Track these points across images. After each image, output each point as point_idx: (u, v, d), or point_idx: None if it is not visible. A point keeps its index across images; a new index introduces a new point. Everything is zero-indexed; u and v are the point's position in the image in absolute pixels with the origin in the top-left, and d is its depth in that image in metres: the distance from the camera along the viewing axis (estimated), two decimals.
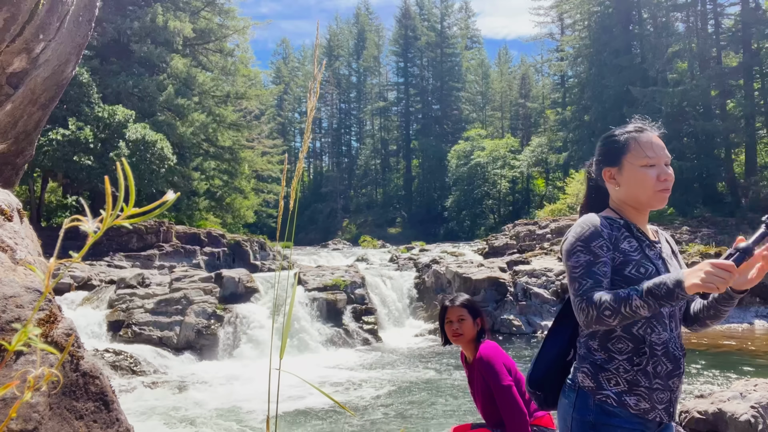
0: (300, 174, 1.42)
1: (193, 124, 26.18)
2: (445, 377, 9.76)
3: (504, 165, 44.55)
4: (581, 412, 1.84)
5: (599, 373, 1.82)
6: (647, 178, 1.87)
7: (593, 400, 1.82)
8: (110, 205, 0.65)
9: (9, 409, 1.58)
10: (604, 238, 1.82)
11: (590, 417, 1.81)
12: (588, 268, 1.77)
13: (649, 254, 1.86)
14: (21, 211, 2.47)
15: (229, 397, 8.59)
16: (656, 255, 1.89)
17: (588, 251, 1.79)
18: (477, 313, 3.19)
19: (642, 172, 1.88)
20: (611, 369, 1.81)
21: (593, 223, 1.84)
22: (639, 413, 1.79)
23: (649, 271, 1.81)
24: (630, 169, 1.90)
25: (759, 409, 4.47)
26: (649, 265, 1.83)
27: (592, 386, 1.82)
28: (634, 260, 1.83)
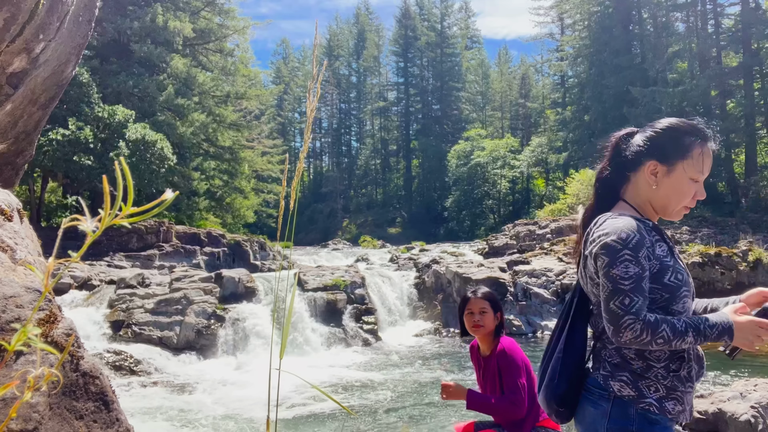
0: (300, 174, 1.42)
1: (193, 124, 26.18)
2: (444, 377, 9.76)
3: (504, 165, 44.56)
4: (620, 422, 1.75)
5: (639, 381, 1.75)
6: (688, 192, 1.78)
7: (635, 409, 1.75)
8: (108, 205, 0.65)
9: (9, 409, 1.58)
10: (646, 246, 1.71)
11: (632, 427, 1.74)
12: (638, 283, 1.66)
13: (677, 258, 1.79)
14: (21, 211, 2.47)
15: (229, 397, 8.60)
16: (679, 257, 1.82)
17: (637, 262, 1.67)
18: (498, 307, 3.21)
19: (688, 185, 1.78)
20: (650, 377, 1.74)
21: (637, 229, 1.70)
22: (675, 417, 1.76)
23: (684, 277, 1.75)
24: (679, 176, 1.78)
25: (759, 409, 4.47)
26: (682, 271, 1.76)
27: (633, 395, 1.75)
28: (669, 266, 1.75)
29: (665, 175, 1.79)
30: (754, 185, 25.41)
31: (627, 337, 1.64)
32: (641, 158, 1.83)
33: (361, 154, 63.64)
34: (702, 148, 1.79)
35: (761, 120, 27.32)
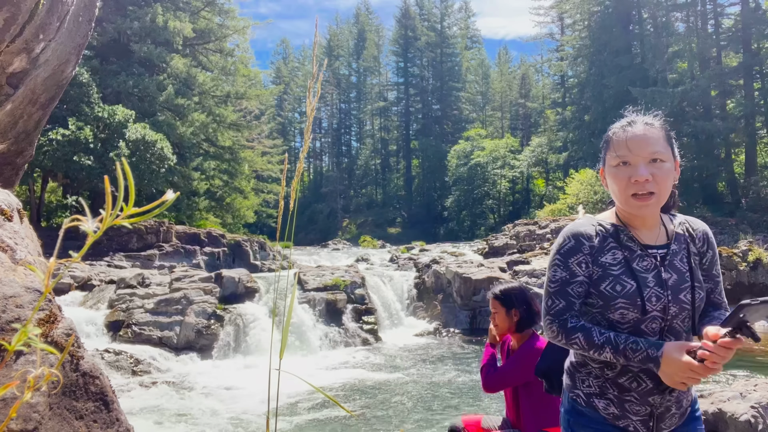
0: (300, 174, 1.42)
1: (193, 124, 26.18)
2: (445, 377, 9.76)
3: (504, 165, 44.55)
4: (564, 405, 1.86)
5: (575, 373, 1.80)
6: (617, 179, 1.71)
7: (568, 397, 1.83)
8: (110, 205, 0.65)
9: (9, 409, 1.58)
10: (584, 253, 1.71)
11: (566, 413, 1.83)
12: (563, 287, 1.71)
13: (636, 267, 1.71)
14: (21, 211, 2.47)
15: (229, 397, 8.60)
16: (649, 266, 1.72)
17: (565, 268, 1.71)
18: (510, 303, 3.12)
19: (613, 172, 1.73)
20: (584, 372, 1.78)
21: (576, 235, 1.73)
22: (609, 417, 1.73)
23: (626, 288, 1.68)
24: (609, 168, 1.75)
25: (759, 409, 4.47)
26: (628, 282, 1.69)
27: (569, 384, 1.83)
28: (612, 275, 1.70)
29: (606, 174, 1.78)
30: (754, 185, 25.41)
31: (548, 335, 1.73)
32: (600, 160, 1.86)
33: (361, 154, 63.64)
34: (615, 134, 1.75)
35: (761, 120, 27.31)
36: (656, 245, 1.75)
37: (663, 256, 1.74)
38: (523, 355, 3.01)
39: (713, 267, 1.79)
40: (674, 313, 1.70)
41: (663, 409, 1.72)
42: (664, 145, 1.72)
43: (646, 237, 1.76)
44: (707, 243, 1.80)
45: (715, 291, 1.80)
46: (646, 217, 1.73)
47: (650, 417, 1.72)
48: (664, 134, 1.75)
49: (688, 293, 1.71)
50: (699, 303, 1.73)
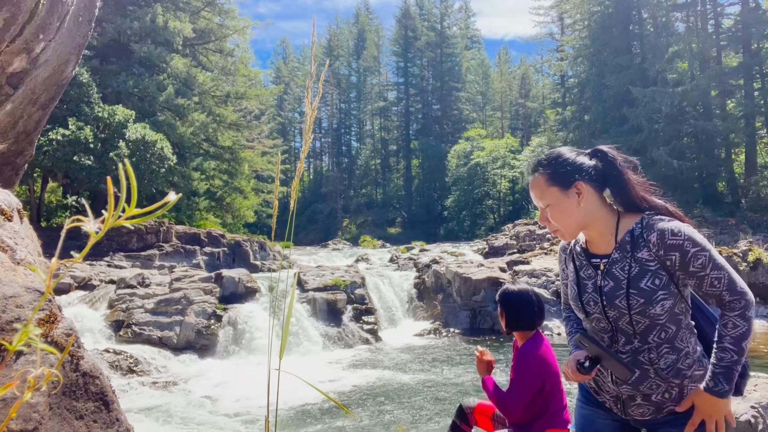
0: (300, 174, 1.42)
1: (193, 124, 26.18)
2: (445, 377, 9.76)
3: (504, 165, 44.55)
4: None
5: None
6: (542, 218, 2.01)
7: None
8: (112, 206, 0.65)
9: (9, 409, 1.58)
10: (562, 262, 2.11)
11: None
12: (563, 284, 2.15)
13: (581, 275, 1.97)
14: (21, 211, 2.47)
15: (229, 397, 8.60)
16: (591, 275, 1.93)
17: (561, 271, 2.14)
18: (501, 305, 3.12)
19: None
20: None
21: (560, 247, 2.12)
22: (590, 390, 2.08)
23: (573, 293, 1.99)
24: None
25: (759, 409, 4.46)
26: (574, 288, 1.99)
27: None
28: (569, 282, 2.04)
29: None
30: (754, 185, 25.41)
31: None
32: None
33: (361, 154, 63.62)
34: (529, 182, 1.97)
35: (761, 120, 27.31)
36: (600, 255, 1.92)
37: (605, 264, 1.89)
38: (519, 363, 2.98)
39: (687, 266, 1.78)
40: (614, 316, 1.85)
41: (626, 397, 1.91)
42: (546, 189, 1.87)
43: (598, 247, 1.93)
44: (664, 247, 1.79)
45: (703, 285, 1.79)
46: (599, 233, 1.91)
47: (617, 399, 1.95)
48: (545, 180, 1.88)
49: (623, 299, 1.82)
50: (641, 308, 1.80)
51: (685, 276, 1.80)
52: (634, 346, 1.85)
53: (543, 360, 2.95)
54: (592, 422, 2.07)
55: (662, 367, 1.83)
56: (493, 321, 13.40)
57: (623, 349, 1.87)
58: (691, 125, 26.62)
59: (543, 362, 2.95)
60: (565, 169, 1.87)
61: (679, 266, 1.79)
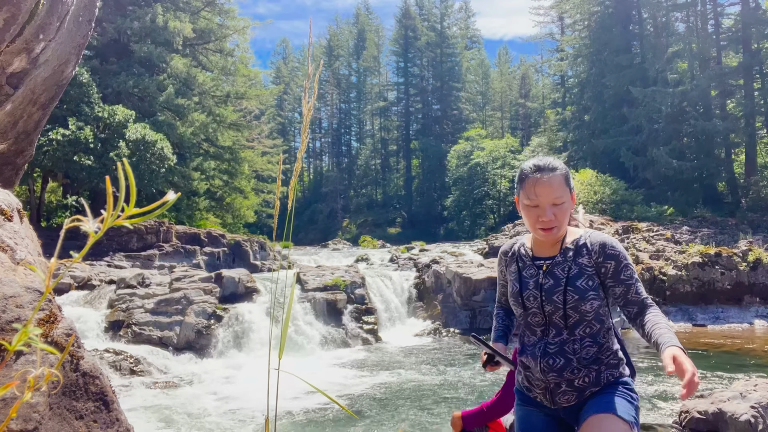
0: (298, 173, 1.42)
1: (193, 124, 26.17)
2: (444, 377, 9.76)
3: (504, 165, 44.54)
4: None
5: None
6: (528, 216, 2.16)
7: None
8: (111, 205, 0.65)
9: (9, 409, 1.58)
10: (502, 266, 2.36)
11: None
12: (497, 285, 2.48)
13: (523, 274, 2.23)
14: (21, 211, 2.47)
15: (229, 396, 8.60)
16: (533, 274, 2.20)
17: (498, 272, 2.44)
18: None
19: (525, 210, 2.16)
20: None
21: (500, 252, 2.38)
22: (523, 389, 2.27)
23: (514, 290, 2.23)
24: (522, 206, 2.18)
25: (759, 409, 4.47)
26: (515, 285, 2.23)
27: None
28: (511, 281, 2.27)
29: (520, 206, 2.21)
30: (754, 185, 25.41)
31: None
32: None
33: (361, 154, 63.60)
34: (527, 180, 2.14)
35: (761, 120, 27.31)
36: (544, 257, 2.20)
37: (548, 265, 2.17)
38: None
39: (619, 274, 2.11)
40: (549, 311, 2.13)
41: (553, 386, 2.13)
42: (563, 188, 2.12)
43: (543, 251, 2.21)
44: (604, 255, 2.12)
45: (629, 292, 2.10)
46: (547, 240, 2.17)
47: (546, 390, 2.16)
48: (563, 178, 2.14)
49: (560, 295, 2.11)
50: (574, 303, 2.09)
51: (615, 283, 2.11)
52: (563, 338, 2.12)
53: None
54: (528, 419, 2.26)
55: (584, 357, 2.11)
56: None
57: (552, 341, 2.13)
58: (691, 125, 26.62)
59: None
60: (571, 176, 2.22)
61: (612, 274, 2.11)
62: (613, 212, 23.66)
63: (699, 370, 6.17)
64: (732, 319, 13.80)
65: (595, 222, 20.03)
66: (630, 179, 27.29)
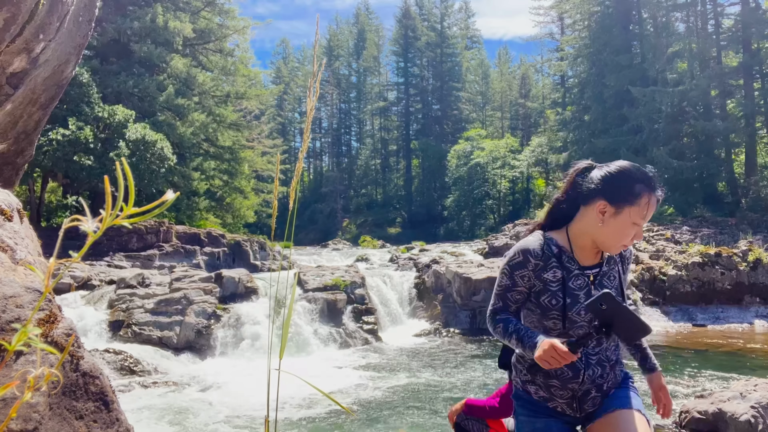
0: (299, 174, 1.42)
1: (193, 124, 26.16)
2: (444, 377, 9.76)
3: (504, 165, 44.54)
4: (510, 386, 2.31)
5: (516, 364, 2.17)
6: (629, 234, 1.95)
7: (512, 381, 2.22)
8: (110, 205, 0.65)
9: (9, 409, 1.58)
10: (529, 269, 2.00)
11: (513, 397, 2.21)
12: (504, 292, 2.05)
13: (571, 285, 2.00)
14: (21, 211, 2.47)
15: (229, 397, 8.60)
16: (582, 284, 2.01)
17: (510, 277, 2.03)
18: None
19: (630, 228, 1.94)
20: (520, 363, 2.13)
21: (525, 251, 2.01)
22: (539, 400, 2.08)
23: (559, 303, 1.98)
24: (624, 219, 1.93)
25: (759, 409, 4.47)
26: (559, 298, 1.99)
27: (512, 373, 2.22)
28: (550, 291, 1.99)
29: (612, 215, 1.94)
30: (754, 185, 25.40)
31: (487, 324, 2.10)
32: (594, 195, 1.98)
33: (361, 154, 63.59)
34: (649, 198, 1.93)
35: (761, 120, 27.30)
36: (590, 266, 2.04)
37: (595, 275, 2.04)
38: None
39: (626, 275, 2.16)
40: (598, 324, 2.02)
41: (582, 393, 2.04)
42: None
43: (586, 259, 2.04)
44: (629, 261, 2.16)
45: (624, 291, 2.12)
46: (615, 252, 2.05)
47: (572, 399, 2.05)
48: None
49: None
50: None
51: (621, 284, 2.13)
52: (602, 347, 2.06)
53: None
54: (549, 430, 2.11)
55: (613, 360, 2.10)
56: None
57: (593, 351, 2.04)
58: (691, 125, 26.62)
59: None
60: None
61: (624, 276, 2.13)
62: None
63: (699, 370, 6.23)
64: (732, 319, 13.79)
65: None
66: None
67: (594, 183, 2.00)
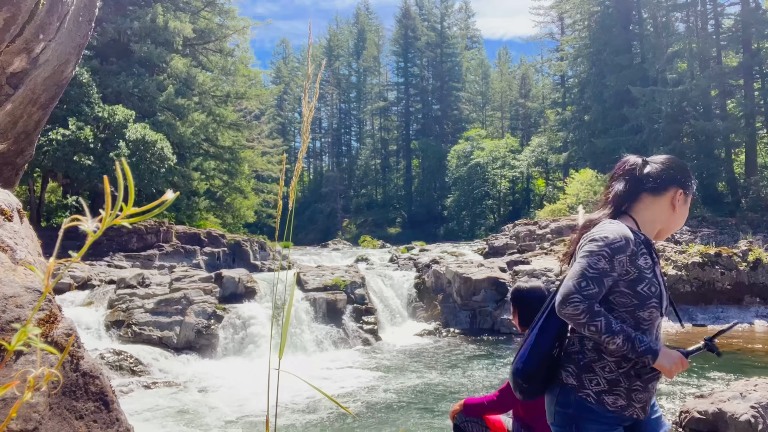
0: (298, 174, 1.42)
1: (193, 124, 26.17)
2: (444, 377, 9.76)
3: (504, 165, 44.55)
4: (564, 406, 2.02)
5: (582, 374, 1.99)
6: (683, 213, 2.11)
7: (575, 396, 1.99)
8: (109, 205, 0.65)
9: (9, 409, 1.58)
10: (627, 255, 1.93)
11: (571, 410, 1.99)
12: (601, 277, 1.90)
13: (657, 273, 2.02)
14: (21, 211, 2.47)
15: (229, 397, 8.60)
16: (661, 273, 2.06)
17: (609, 261, 1.91)
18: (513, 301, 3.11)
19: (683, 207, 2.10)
20: (596, 369, 1.97)
21: (626, 237, 1.94)
22: (616, 410, 1.96)
23: (657, 291, 1.98)
24: (687, 206, 2.12)
25: (759, 409, 4.47)
26: (657, 286, 1.98)
27: (574, 384, 2.00)
28: (647, 278, 1.96)
29: (683, 203, 2.10)
30: (754, 185, 25.40)
31: (568, 311, 1.87)
32: (668, 185, 2.08)
33: (361, 154, 63.60)
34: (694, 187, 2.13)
35: (761, 120, 27.30)
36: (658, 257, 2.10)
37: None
38: None
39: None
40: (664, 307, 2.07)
41: (654, 393, 2.04)
42: None
43: None
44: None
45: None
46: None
47: (646, 403, 2.01)
48: None
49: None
50: None
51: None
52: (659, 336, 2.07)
53: None
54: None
55: None
56: (493, 321, 13.38)
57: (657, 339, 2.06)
58: (691, 125, 26.62)
59: None
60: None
61: None
62: None
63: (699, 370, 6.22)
64: (732, 319, 13.79)
65: None
66: None
67: (668, 173, 2.09)
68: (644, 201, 2.08)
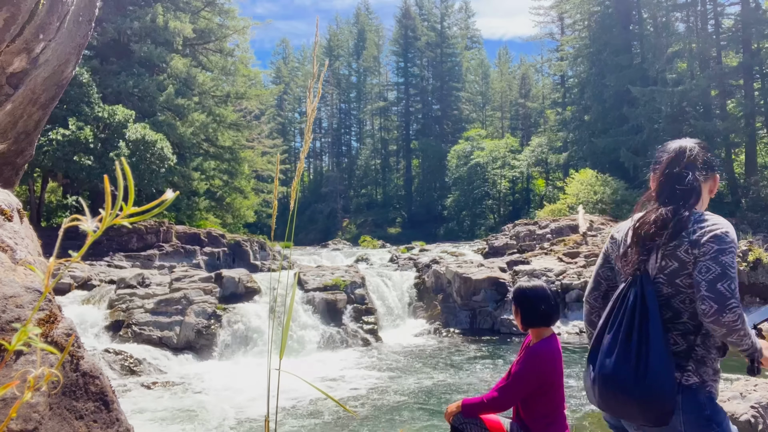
0: (300, 174, 1.42)
1: (193, 124, 26.17)
2: (444, 377, 9.76)
3: (504, 165, 44.55)
4: (694, 411, 1.85)
5: (700, 368, 1.89)
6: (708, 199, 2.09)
7: (703, 395, 1.87)
8: (109, 205, 0.65)
9: (9, 409, 1.58)
10: None
11: (707, 411, 1.85)
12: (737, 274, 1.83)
13: None
14: (21, 211, 2.47)
15: (229, 397, 8.59)
16: None
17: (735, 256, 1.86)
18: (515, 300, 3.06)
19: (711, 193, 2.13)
20: (707, 362, 1.89)
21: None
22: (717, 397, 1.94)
23: None
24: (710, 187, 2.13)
25: (759, 409, 4.46)
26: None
27: (698, 381, 1.88)
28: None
29: (715, 188, 2.14)
30: (754, 185, 25.39)
31: (728, 318, 1.72)
32: (712, 170, 2.09)
33: (361, 154, 63.60)
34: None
35: (761, 120, 27.30)
36: None
37: None
38: (527, 360, 2.93)
39: None
40: None
41: None
42: None
43: None
44: None
45: None
46: None
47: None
48: None
49: None
50: None
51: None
52: None
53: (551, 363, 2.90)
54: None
55: None
56: (493, 321, 13.38)
57: None
58: (691, 125, 26.60)
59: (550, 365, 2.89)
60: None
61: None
62: (613, 212, 23.66)
63: None
64: None
65: (595, 222, 20.02)
66: (630, 179, 27.28)
67: (711, 159, 2.09)
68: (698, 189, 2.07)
